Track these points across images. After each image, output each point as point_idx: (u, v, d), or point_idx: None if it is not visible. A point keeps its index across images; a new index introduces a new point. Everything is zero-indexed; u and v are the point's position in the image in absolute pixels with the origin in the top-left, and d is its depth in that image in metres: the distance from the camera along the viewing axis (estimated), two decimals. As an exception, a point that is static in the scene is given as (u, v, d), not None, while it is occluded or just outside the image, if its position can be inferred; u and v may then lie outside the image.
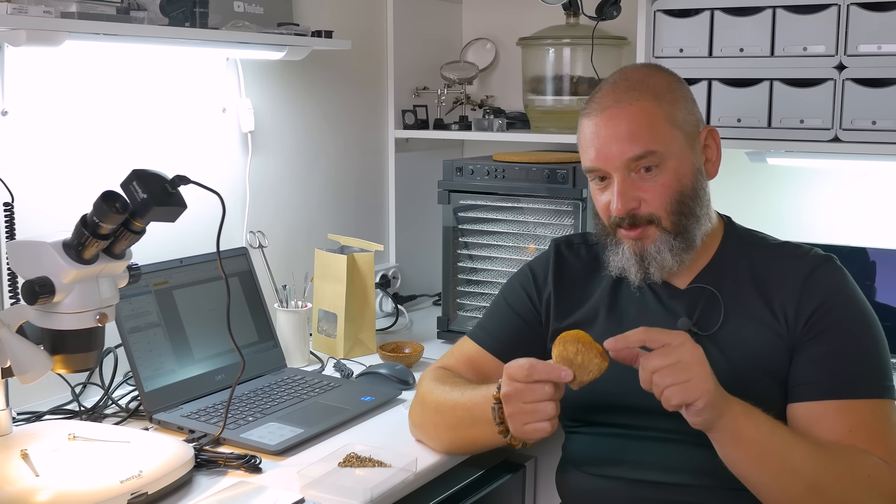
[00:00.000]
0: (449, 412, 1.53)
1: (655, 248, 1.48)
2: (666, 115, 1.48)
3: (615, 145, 1.46)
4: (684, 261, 1.49)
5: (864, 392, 1.39)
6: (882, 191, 2.24)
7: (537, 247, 2.20)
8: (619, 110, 1.47)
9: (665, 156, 1.46)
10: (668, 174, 1.46)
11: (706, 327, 1.49)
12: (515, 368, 1.35)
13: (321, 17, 2.34)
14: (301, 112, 2.37)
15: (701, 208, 1.50)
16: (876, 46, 1.90)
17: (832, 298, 1.44)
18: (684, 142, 1.49)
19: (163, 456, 1.45)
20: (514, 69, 2.62)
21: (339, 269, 2.18)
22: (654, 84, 1.50)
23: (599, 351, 1.34)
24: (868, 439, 1.36)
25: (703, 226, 1.51)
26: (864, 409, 1.38)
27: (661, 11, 2.11)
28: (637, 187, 1.47)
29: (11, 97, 1.73)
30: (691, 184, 1.48)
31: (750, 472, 1.33)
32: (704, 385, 1.27)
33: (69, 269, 1.34)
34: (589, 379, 1.35)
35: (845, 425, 1.37)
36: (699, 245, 1.50)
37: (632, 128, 1.46)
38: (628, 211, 1.47)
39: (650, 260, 1.48)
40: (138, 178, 1.34)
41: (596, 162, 1.49)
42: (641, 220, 1.47)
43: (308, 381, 1.93)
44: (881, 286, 2.06)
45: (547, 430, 1.35)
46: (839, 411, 1.38)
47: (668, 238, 1.47)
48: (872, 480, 1.32)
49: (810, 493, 1.31)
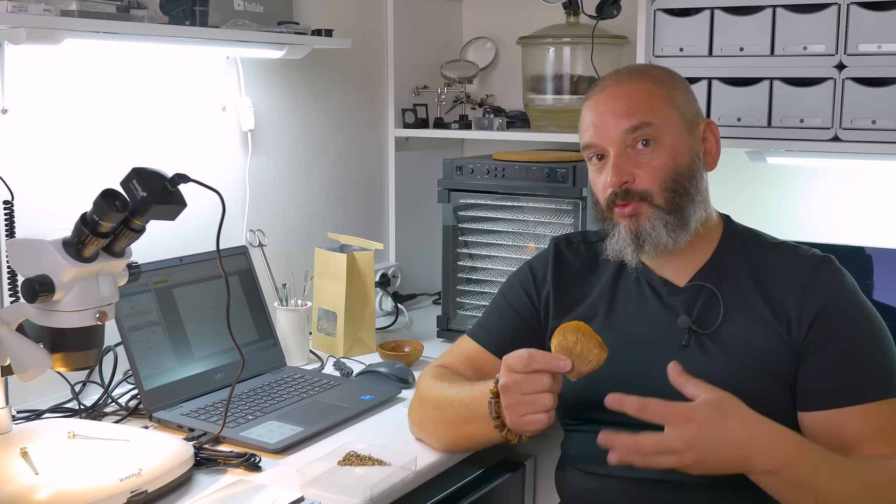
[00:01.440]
0: (447, 408, 1.53)
1: (650, 225, 1.48)
2: (666, 96, 1.50)
3: (612, 120, 1.48)
4: (679, 240, 1.49)
5: (880, 393, 1.40)
6: (882, 190, 2.24)
7: (537, 246, 2.21)
8: (619, 88, 1.51)
9: (661, 131, 1.47)
10: (664, 152, 1.47)
11: (706, 325, 1.49)
12: (514, 359, 1.36)
13: (321, 15, 2.34)
14: (301, 111, 2.37)
15: (696, 190, 1.50)
16: (876, 46, 1.90)
17: (834, 302, 1.45)
18: (682, 125, 1.50)
19: (162, 454, 1.45)
20: (515, 68, 2.62)
21: (339, 267, 2.18)
22: (655, 72, 1.55)
23: (599, 342, 1.34)
24: (892, 441, 1.37)
25: (698, 210, 1.50)
26: (883, 411, 1.39)
27: (662, 10, 2.11)
28: (632, 162, 1.48)
29: (11, 95, 1.73)
30: (687, 164, 1.49)
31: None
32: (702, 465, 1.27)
33: (69, 267, 1.34)
34: (588, 370, 1.35)
35: (868, 429, 1.38)
36: (693, 229, 1.50)
37: (630, 103, 1.48)
38: (622, 184, 1.47)
39: (645, 237, 1.48)
40: (138, 177, 1.33)
41: (594, 137, 1.50)
42: (634, 195, 1.48)
43: (308, 380, 1.94)
44: (880, 285, 2.06)
45: (543, 423, 1.35)
46: (860, 416, 1.39)
47: (661, 214, 1.47)
48: None
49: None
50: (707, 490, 1.42)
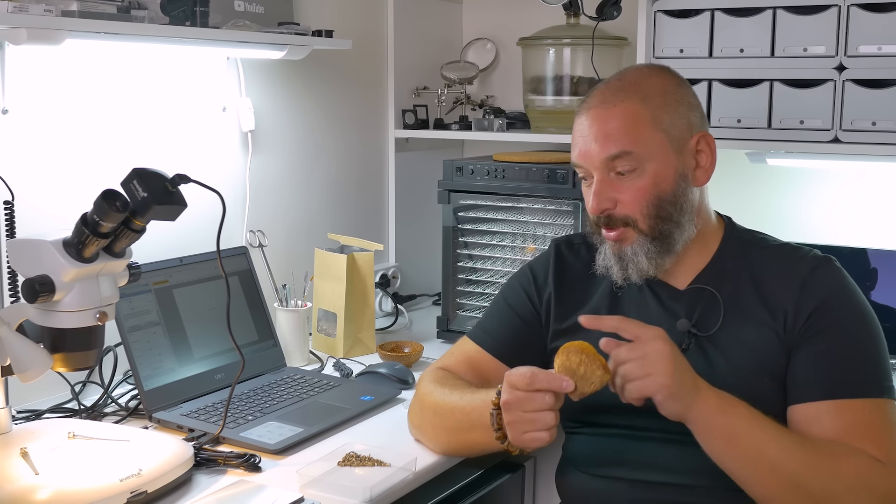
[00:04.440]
0: (447, 415, 1.53)
1: (632, 251, 1.48)
2: (651, 117, 1.47)
3: (594, 144, 1.47)
4: (661, 265, 1.49)
5: (860, 392, 1.38)
6: (882, 192, 2.24)
7: (537, 247, 2.21)
8: (603, 111, 1.48)
9: (643, 158, 1.46)
10: (646, 178, 1.46)
11: (705, 328, 1.49)
12: (517, 376, 1.35)
13: (322, 16, 2.34)
14: (301, 111, 2.37)
15: (682, 213, 1.48)
16: (876, 47, 1.90)
17: (830, 298, 1.44)
18: (668, 146, 1.47)
19: (162, 455, 1.45)
20: (515, 69, 2.62)
21: (339, 268, 2.18)
22: (646, 86, 1.49)
23: (602, 363, 1.33)
24: (864, 439, 1.35)
25: (687, 229, 1.50)
26: (860, 409, 1.38)
27: (662, 12, 2.11)
28: (614, 188, 1.47)
29: (12, 96, 1.73)
30: (671, 189, 1.47)
31: (728, 464, 1.34)
32: (662, 380, 1.28)
33: (69, 267, 1.34)
34: (590, 391, 1.34)
35: (841, 425, 1.36)
36: (680, 250, 1.50)
37: (612, 128, 1.46)
38: (602, 211, 1.48)
39: (627, 261, 1.49)
40: (139, 177, 1.34)
41: (578, 159, 1.51)
42: (617, 222, 1.48)
43: (308, 381, 1.94)
44: (881, 287, 2.07)
45: (545, 440, 1.34)
46: (835, 411, 1.38)
47: (644, 241, 1.48)
48: (861, 479, 1.31)
49: (792, 489, 1.31)
50: (708, 491, 1.42)
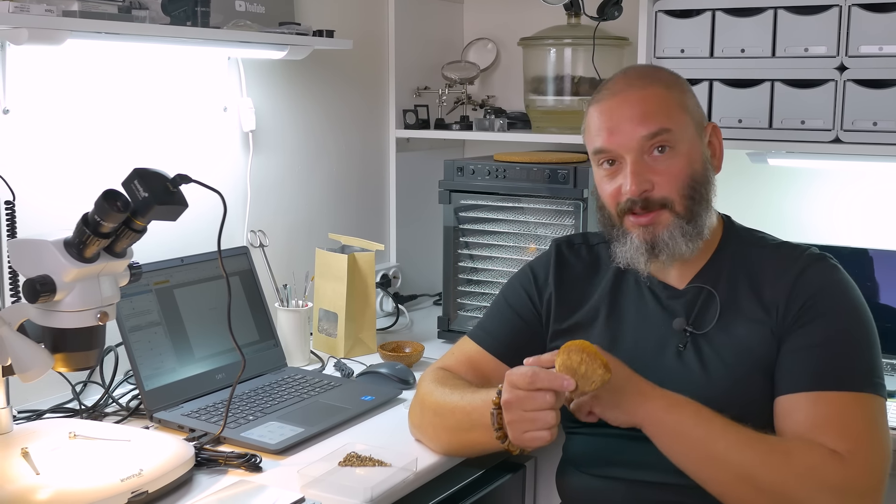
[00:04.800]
0: (448, 415, 1.53)
1: (668, 234, 1.46)
2: (678, 100, 1.49)
3: (628, 125, 1.46)
4: (695, 248, 1.48)
5: (840, 385, 1.37)
6: (883, 192, 2.24)
7: (538, 247, 2.21)
8: (631, 93, 1.48)
9: (678, 138, 1.46)
10: (681, 158, 1.46)
11: (701, 326, 1.49)
12: (517, 376, 1.34)
13: (323, 16, 2.34)
14: (302, 111, 2.37)
15: (710, 195, 1.50)
16: (877, 47, 1.90)
17: (821, 292, 1.43)
18: (694, 129, 1.50)
19: (163, 455, 1.45)
20: (516, 69, 2.62)
21: (340, 268, 2.18)
22: (662, 75, 1.54)
23: (603, 362, 1.33)
24: (829, 432, 1.33)
25: (711, 216, 1.51)
26: (836, 402, 1.36)
27: (663, 12, 2.11)
28: (650, 170, 1.46)
29: (13, 95, 1.73)
30: (702, 169, 1.49)
31: (680, 461, 1.36)
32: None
33: (70, 267, 1.34)
34: (591, 390, 1.34)
35: (811, 418, 1.35)
36: (706, 236, 1.49)
37: (645, 108, 1.46)
38: (642, 193, 1.45)
39: (662, 246, 1.46)
40: (140, 177, 1.34)
41: (608, 143, 1.48)
42: (654, 204, 1.46)
43: (308, 381, 1.94)
44: (882, 287, 2.06)
45: (546, 440, 1.34)
46: (812, 403, 1.37)
47: (680, 223, 1.46)
48: (813, 471, 1.30)
49: (740, 483, 1.32)
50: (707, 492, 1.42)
